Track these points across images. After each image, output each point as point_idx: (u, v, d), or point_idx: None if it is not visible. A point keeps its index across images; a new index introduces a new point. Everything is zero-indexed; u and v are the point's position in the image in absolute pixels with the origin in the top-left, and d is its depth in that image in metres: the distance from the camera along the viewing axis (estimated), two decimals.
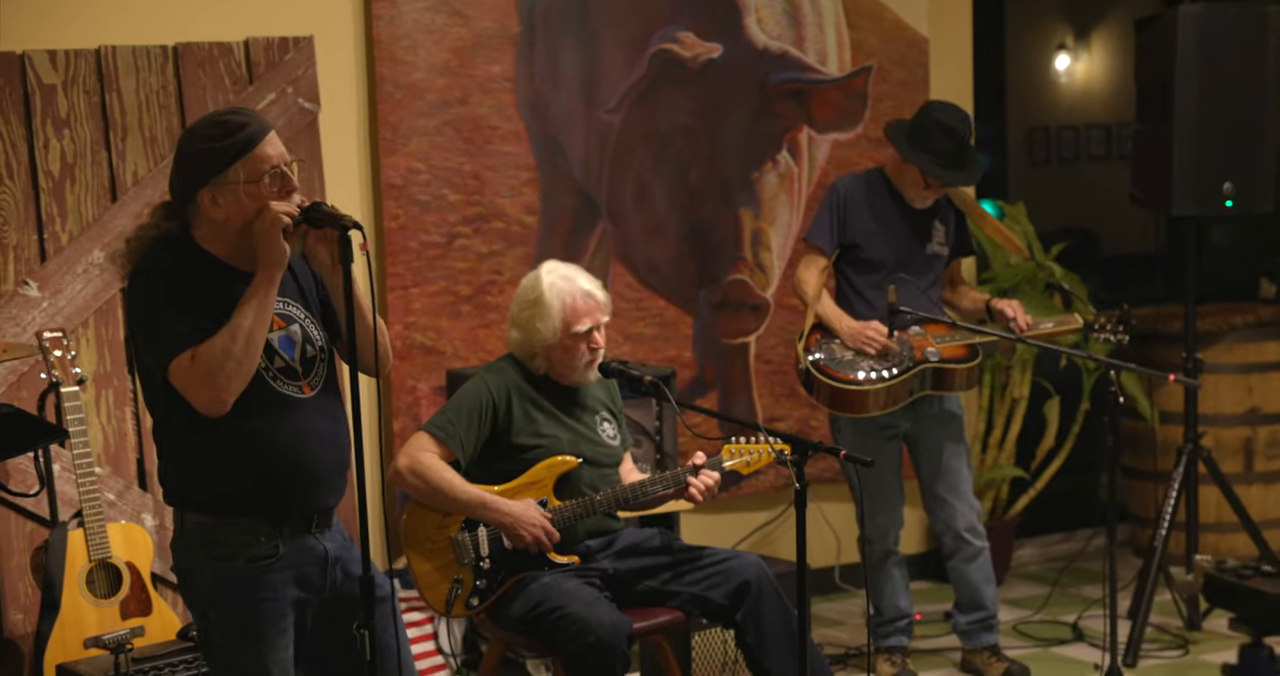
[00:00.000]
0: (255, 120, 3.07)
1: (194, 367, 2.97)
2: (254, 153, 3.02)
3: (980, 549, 4.90)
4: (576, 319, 3.98)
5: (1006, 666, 4.82)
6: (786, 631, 3.97)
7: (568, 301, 3.98)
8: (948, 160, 4.67)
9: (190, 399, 3.00)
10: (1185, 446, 5.26)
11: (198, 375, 2.97)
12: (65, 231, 4.52)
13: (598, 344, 4.01)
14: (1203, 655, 5.04)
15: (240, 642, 3.10)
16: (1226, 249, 7.29)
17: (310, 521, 3.17)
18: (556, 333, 3.98)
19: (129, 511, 4.55)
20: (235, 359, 2.97)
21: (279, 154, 3.06)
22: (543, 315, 3.99)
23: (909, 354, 4.69)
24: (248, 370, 3.00)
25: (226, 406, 3.00)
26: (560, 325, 3.98)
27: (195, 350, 2.98)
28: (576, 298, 3.99)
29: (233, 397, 2.99)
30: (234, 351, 2.96)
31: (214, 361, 2.96)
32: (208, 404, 2.99)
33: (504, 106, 5.18)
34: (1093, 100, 7.45)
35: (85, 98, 4.54)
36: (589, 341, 4.00)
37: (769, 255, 5.65)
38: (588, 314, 3.99)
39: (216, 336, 2.98)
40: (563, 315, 3.97)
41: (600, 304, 4.03)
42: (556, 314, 3.97)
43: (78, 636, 4.06)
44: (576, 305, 3.98)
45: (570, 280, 4.02)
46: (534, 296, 4.01)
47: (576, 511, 3.98)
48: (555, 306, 3.98)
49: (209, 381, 2.96)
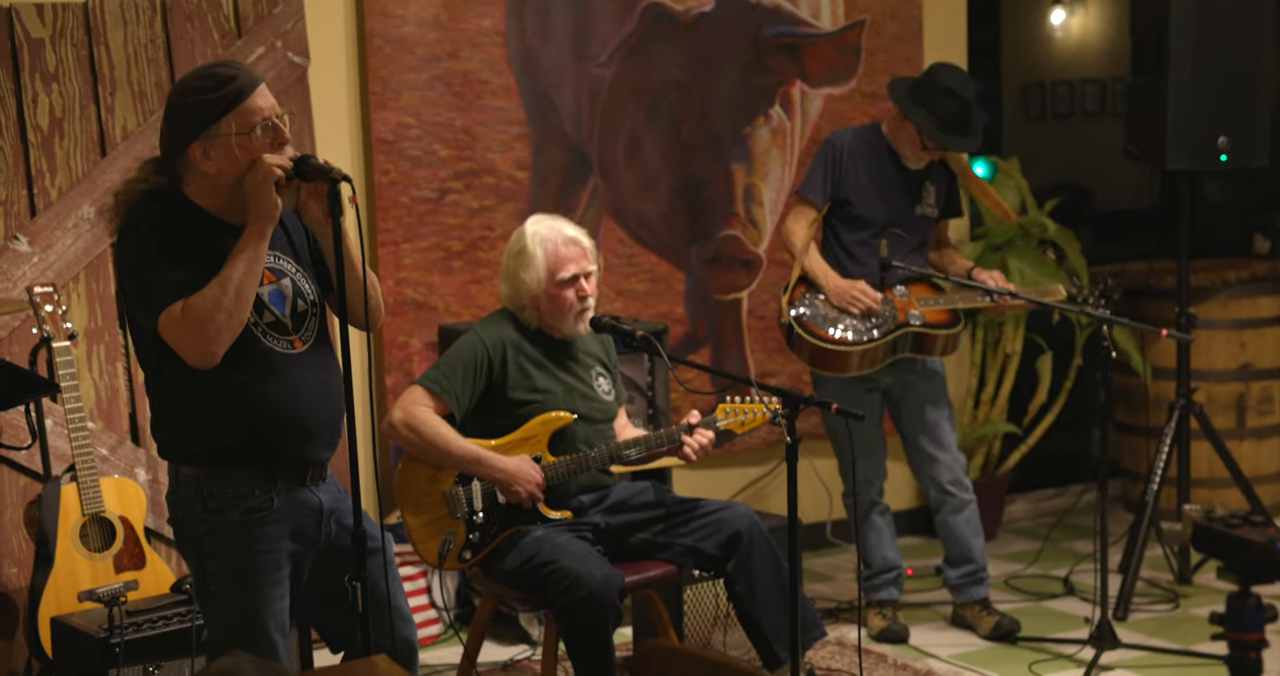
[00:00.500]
0: (245, 73, 3.06)
1: (184, 320, 2.97)
2: (245, 104, 3.01)
3: (966, 501, 4.91)
4: (561, 266, 3.98)
5: (997, 620, 4.85)
6: (778, 582, 3.99)
7: (550, 249, 3.98)
8: (948, 123, 4.65)
9: (180, 351, 3.00)
10: (1177, 401, 5.27)
11: (187, 327, 2.97)
12: (55, 186, 4.51)
13: (586, 292, 4.00)
14: (1193, 609, 5.07)
15: (236, 594, 3.12)
16: (1221, 204, 7.28)
17: (304, 474, 3.18)
18: (541, 281, 3.98)
19: (122, 466, 4.56)
20: (225, 310, 2.97)
21: (270, 106, 3.05)
22: (527, 264, 3.99)
23: (892, 315, 4.68)
24: (238, 322, 3.00)
25: (216, 358, 3.00)
26: (545, 274, 3.98)
27: (185, 302, 2.98)
28: (559, 245, 3.99)
29: (222, 349, 3.00)
30: (224, 303, 2.96)
31: (204, 313, 2.96)
32: (197, 356, 2.99)
33: (495, 61, 5.16)
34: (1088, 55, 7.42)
35: (73, 52, 4.52)
36: (576, 289, 3.99)
37: (761, 210, 5.64)
38: (572, 260, 3.99)
39: (206, 288, 2.98)
40: (547, 263, 3.98)
41: (585, 250, 4.02)
42: (540, 262, 3.97)
43: (72, 590, 4.07)
44: (560, 252, 3.98)
45: (554, 229, 4.03)
46: (519, 247, 4.02)
47: (570, 467, 3.98)
48: (539, 255, 3.98)
49: (199, 333, 2.96)
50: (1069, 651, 4.64)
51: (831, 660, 4.63)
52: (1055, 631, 4.85)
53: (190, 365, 3.01)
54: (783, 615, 3.92)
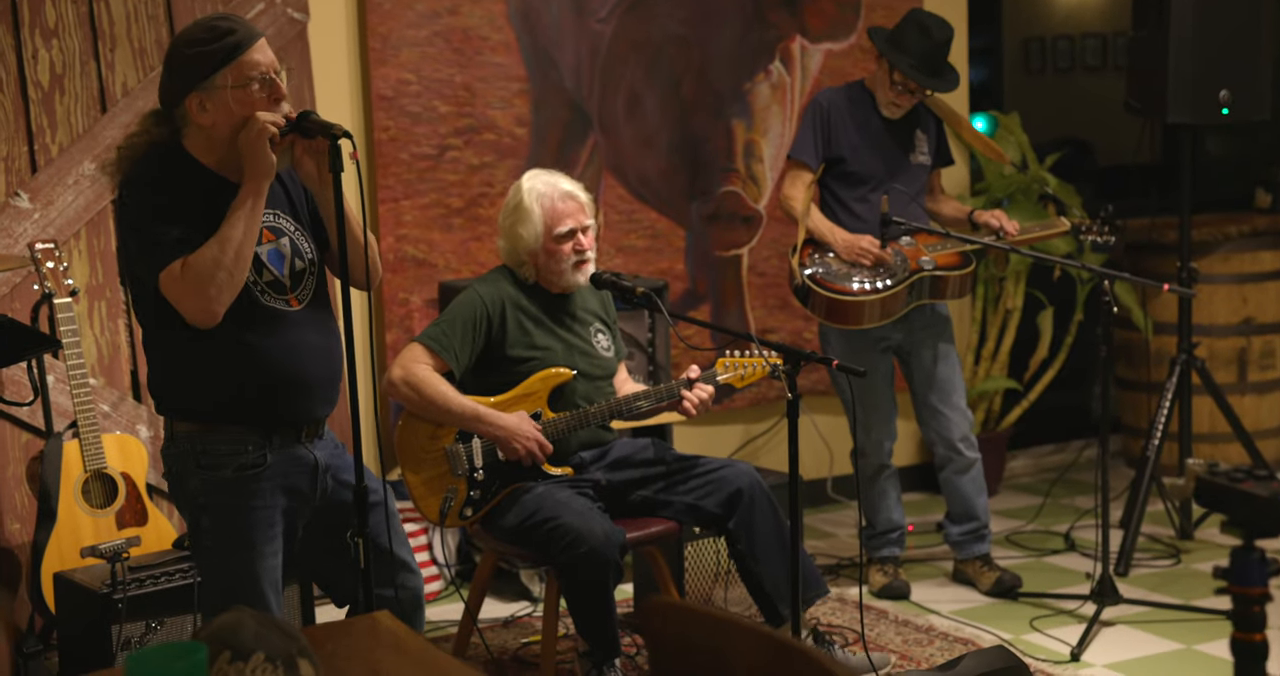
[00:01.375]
0: (244, 26, 3.05)
1: (184, 278, 2.97)
2: (242, 58, 3.00)
3: (973, 460, 4.92)
4: (557, 220, 3.97)
5: (998, 575, 4.86)
6: (779, 540, 3.99)
7: (547, 204, 3.97)
8: (921, 62, 4.63)
9: (180, 309, 3.00)
10: (1179, 356, 5.26)
11: (188, 286, 2.97)
12: (55, 143, 4.49)
13: (583, 246, 3.99)
14: (1195, 564, 5.09)
15: (230, 549, 3.13)
16: (1222, 159, 7.26)
17: (300, 431, 3.18)
18: (539, 237, 3.97)
19: (123, 422, 4.56)
20: (225, 269, 2.97)
21: (269, 61, 3.04)
22: (524, 220, 3.98)
23: (904, 264, 4.68)
24: (238, 281, 3.00)
25: (217, 317, 3.00)
26: (542, 229, 3.97)
27: (185, 260, 2.98)
28: (555, 200, 3.98)
29: (223, 308, 3.00)
30: (224, 262, 2.96)
31: (204, 272, 2.96)
32: (198, 314, 2.99)
33: (494, 16, 5.13)
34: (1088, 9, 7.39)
35: (73, 8, 4.49)
36: (574, 243, 3.98)
37: (761, 167, 5.62)
38: (569, 215, 3.98)
39: (205, 247, 2.98)
40: (544, 218, 3.97)
41: (582, 205, 4.01)
42: (538, 217, 3.97)
43: (74, 545, 4.09)
44: (556, 207, 3.97)
45: (551, 184, 4.01)
46: (515, 202, 4.01)
47: (570, 423, 3.99)
48: (535, 210, 3.97)
49: (199, 292, 2.97)
50: (1070, 606, 4.66)
51: (833, 616, 4.65)
52: (1056, 587, 4.87)
53: (191, 324, 3.01)
54: (785, 572, 3.93)
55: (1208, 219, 6.07)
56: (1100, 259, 5.52)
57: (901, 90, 4.69)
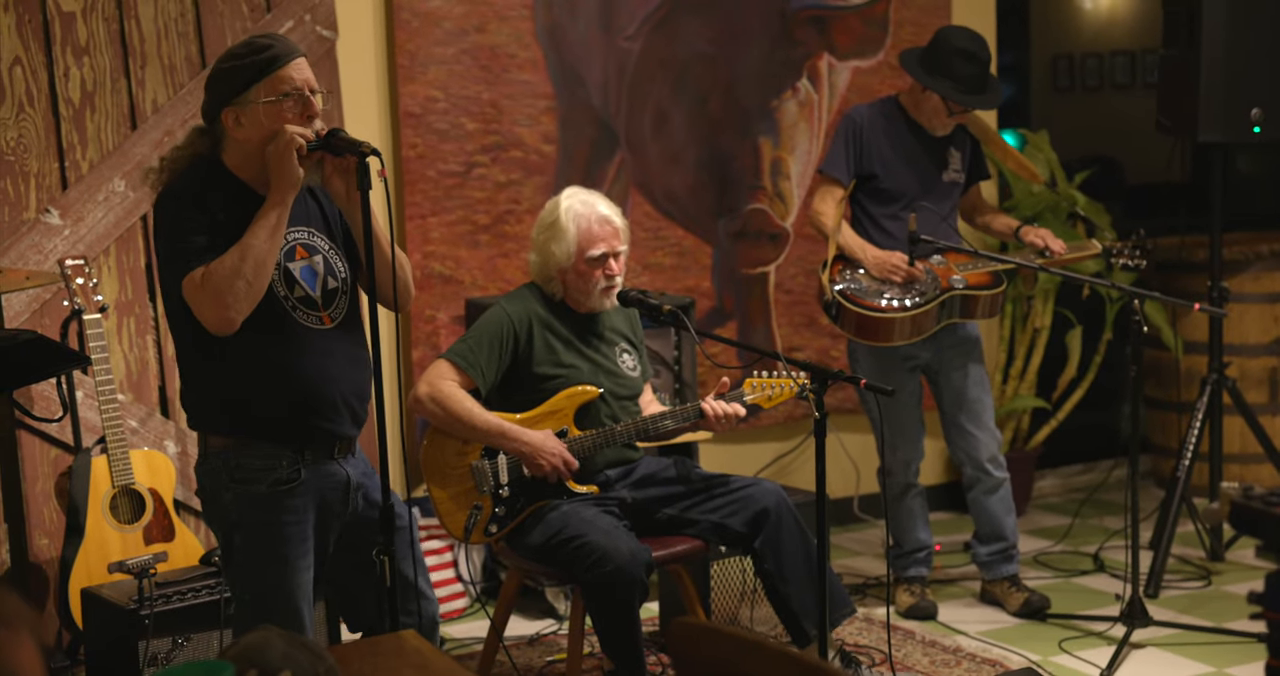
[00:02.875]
0: (284, 44, 3.09)
1: (204, 285, 2.99)
2: (277, 73, 3.03)
3: (1001, 480, 4.89)
4: (592, 243, 3.96)
5: (1026, 596, 4.83)
6: (805, 559, 3.97)
7: (583, 225, 3.97)
8: (969, 85, 4.63)
9: (200, 317, 3.02)
10: (1210, 376, 5.22)
11: (207, 293, 2.99)
12: (86, 159, 4.52)
13: (614, 271, 3.99)
14: (1225, 586, 5.05)
15: (263, 565, 3.13)
16: (1252, 177, 7.23)
17: (332, 447, 3.19)
18: (571, 256, 3.97)
19: (151, 438, 4.57)
20: (244, 278, 2.98)
21: (304, 79, 3.06)
22: (558, 238, 3.97)
23: (934, 282, 4.66)
24: (257, 290, 3.01)
25: (234, 325, 3.01)
26: (575, 249, 3.96)
27: (206, 268, 3.00)
28: (593, 222, 3.98)
29: (241, 316, 3.00)
30: (243, 270, 2.97)
31: (223, 280, 2.97)
32: (215, 321, 3.01)
33: (522, 34, 5.14)
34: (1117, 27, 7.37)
35: (105, 25, 4.52)
36: (604, 268, 3.98)
37: (788, 184, 5.61)
38: (603, 239, 3.97)
39: (226, 255, 3.00)
40: (578, 239, 3.96)
41: (618, 230, 4.01)
42: (572, 237, 3.96)
43: (102, 561, 4.09)
44: (593, 229, 3.97)
45: (589, 205, 4.01)
46: (552, 219, 4.01)
47: (596, 441, 3.98)
48: (571, 230, 3.96)
49: (217, 299, 2.98)
50: (1099, 628, 4.63)
51: (859, 636, 4.63)
52: (1085, 608, 4.84)
53: (210, 332, 3.02)
54: (811, 592, 3.91)
55: (1238, 237, 6.04)
56: (1130, 278, 5.49)
57: (949, 114, 4.68)
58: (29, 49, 4.43)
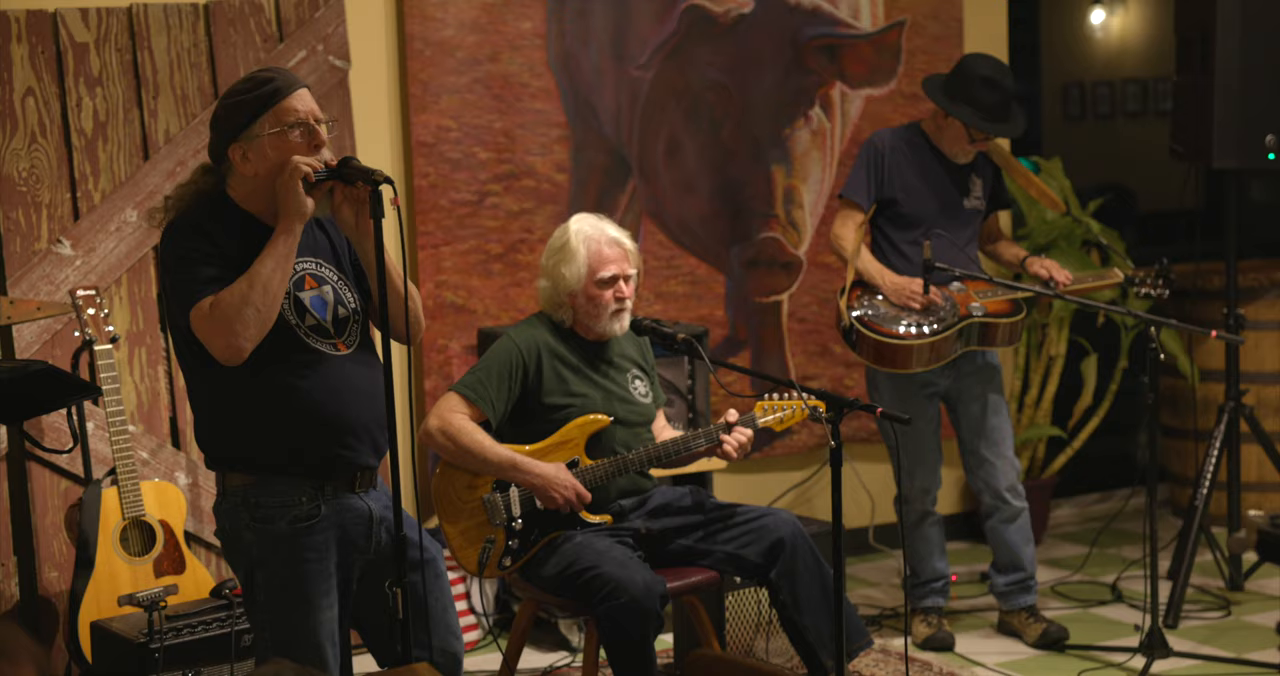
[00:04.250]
0: (285, 76, 3.09)
1: (212, 315, 2.98)
2: (281, 105, 3.03)
3: (1020, 509, 4.85)
4: (601, 265, 3.95)
5: (1044, 627, 4.79)
6: (822, 589, 3.94)
7: (593, 248, 3.96)
8: (992, 112, 4.61)
9: (209, 347, 3.00)
10: (1227, 404, 5.19)
11: (215, 322, 2.97)
12: (98, 190, 4.51)
13: (624, 294, 3.98)
14: (1246, 616, 5.00)
15: (286, 604, 3.10)
16: (1266, 204, 7.20)
17: (352, 480, 3.16)
18: (581, 279, 3.95)
19: (162, 469, 4.55)
20: (254, 306, 2.96)
21: (308, 110, 3.06)
22: (568, 261, 3.96)
23: (953, 309, 4.64)
24: (266, 319, 2.99)
25: (244, 355, 2.99)
26: (585, 272, 3.95)
27: (215, 298, 2.99)
28: (603, 244, 3.97)
29: (250, 345, 2.99)
30: (252, 298, 2.96)
31: (232, 308, 2.96)
32: (224, 351, 2.99)
33: (534, 63, 5.13)
34: (1128, 55, 7.37)
35: (117, 56, 4.52)
36: (615, 291, 3.96)
37: (801, 212, 5.60)
38: (613, 262, 3.96)
39: (235, 284, 2.98)
40: (588, 261, 3.95)
41: (627, 253, 4.00)
42: (582, 260, 3.95)
43: (112, 594, 4.07)
44: (602, 252, 3.96)
45: (598, 228, 4.01)
46: (561, 243, 4.00)
47: (608, 470, 3.95)
48: (581, 252, 3.96)
49: (226, 328, 2.96)
50: (1119, 659, 4.58)
51: (876, 668, 4.58)
52: (1104, 639, 4.79)
53: (220, 362, 3.01)
54: (828, 623, 3.88)
55: (1253, 264, 6.01)
56: (1145, 305, 5.46)
57: (970, 141, 4.67)
58: (42, 79, 4.43)
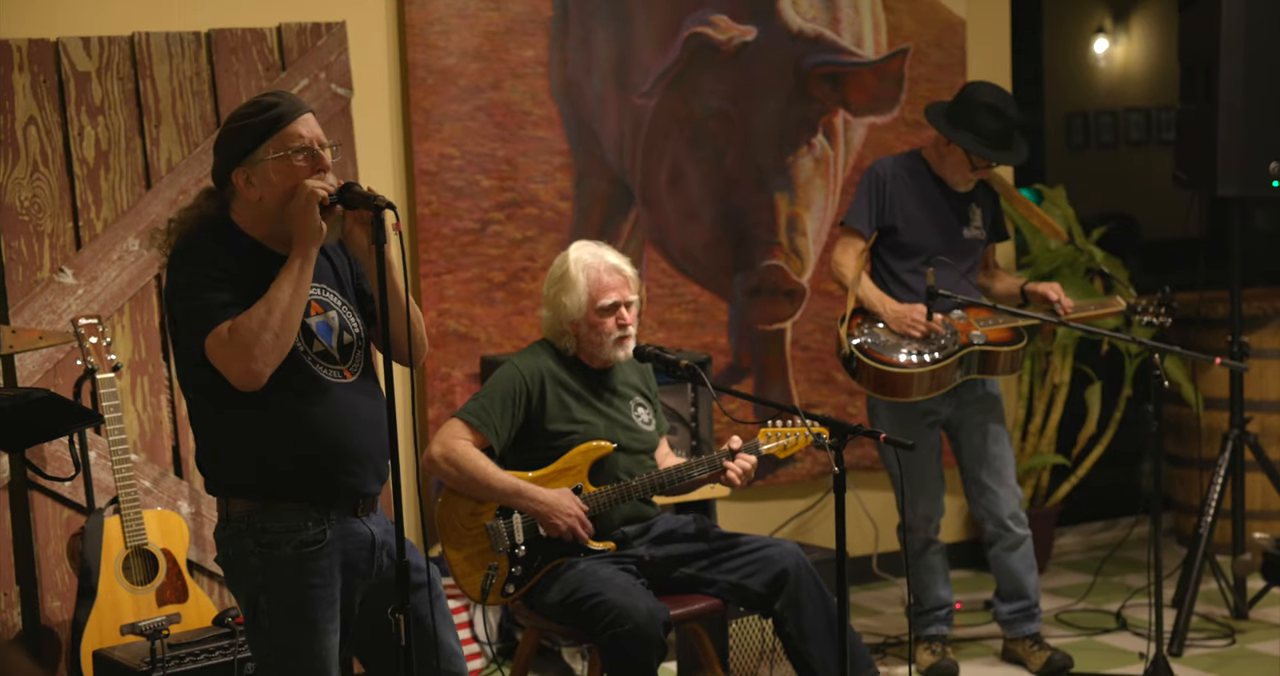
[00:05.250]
0: (289, 101, 3.09)
1: (231, 340, 2.97)
2: (285, 130, 3.04)
3: (1023, 537, 4.84)
4: (602, 293, 3.96)
5: (1049, 655, 4.77)
6: (826, 619, 3.93)
7: (593, 276, 3.97)
8: (995, 140, 4.62)
9: (226, 373, 2.99)
10: (1231, 432, 5.18)
11: (234, 348, 2.96)
12: (100, 219, 4.52)
13: (626, 321, 3.98)
14: (1251, 644, 4.98)
15: (290, 629, 3.09)
16: (1269, 233, 7.21)
17: (355, 505, 3.15)
18: (582, 307, 3.96)
19: (165, 498, 4.54)
20: (272, 331, 2.96)
21: (313, 135, 3.07)
22: (568, 290, 3.97)
23: (954, 337, 4.63)
24: (284, 344, 2.99)
25: (262, 380, 2.99)
26: (586, 300, 3.96)
27: (232, 323, 2.98)
28: (602, 272, 3.98)
29: (269, 370, 2.98)
30: (271, 324, 2.96)
31: (250, 334, 2.95)
32: (242, 376, 2.98)
33: (537, 91, 5.15)
34: (1131, 84, 7.39)
35: (119, 85, 4.54)
36: (616, 317, 3.97)
37: (804, 240, 5.60)
38: (614, 289, 3.97)
39: (253, 309, 2.98)
40: (588, 289, 3.96)
41: (627, 279, 4.01)
42: (582, 288, 3.96)
43: (114, 623, 4.06)
44: (602, 279, 3.97)
45: (598, 256, 4.02)
46: (561, 272, 4.01)
47: (612, 497, 3.94)
48: (581, 281, 3.96)
49: (245, 353, 2.96)
50: None
51: None
52: (1109, 667, 4.78)
53: (236, 387, 3.00)
54: (832, 651, 3.87)
55: (1257, 292, 6.01)
56: (1149, 333, 5.45)
57: (972, 169, 4.67)
58: (44, 108, 4.44)
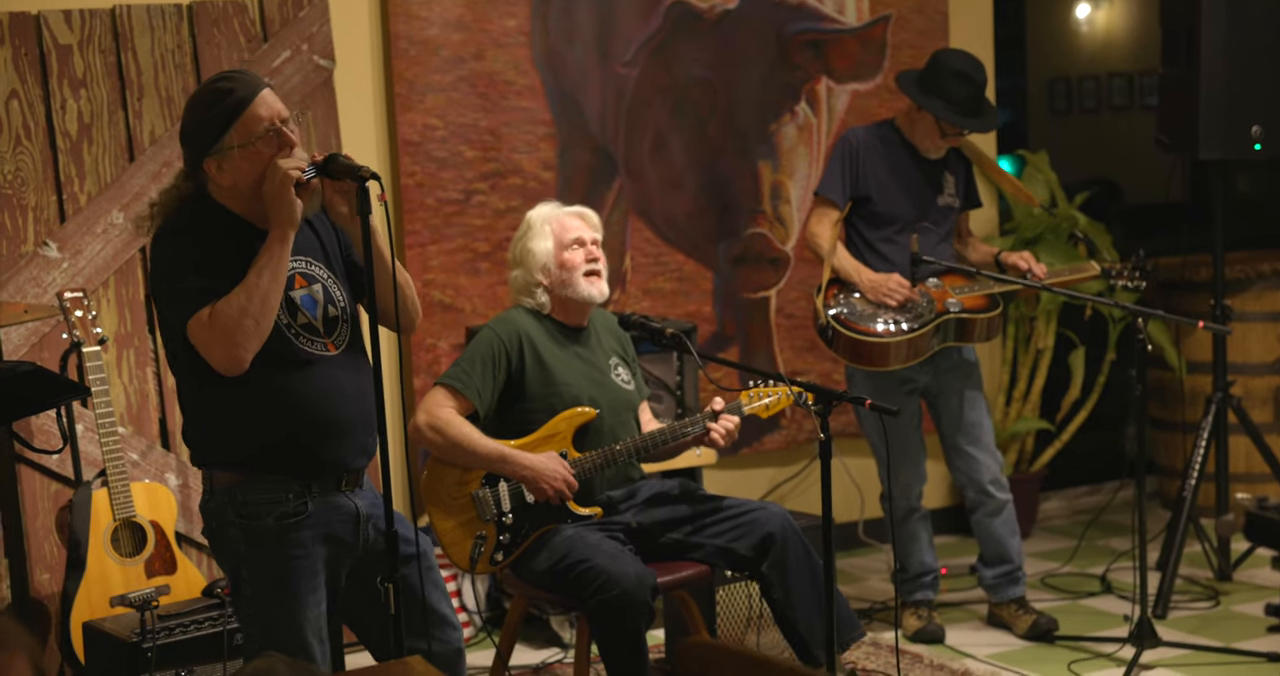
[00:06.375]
0: (243, 83, 3.06)
1: (211, 326, 2.98)
2: (245, 116, 3.03)
3: (1004, 502, 4.87)
4: (566, 231, 4.08)
5: (1034, 618, 4.81)
6: (813, 582, 3.96)
7: (555, 223, 4.10)
8: (964, 107, 4.63)
9: (207, 357, 3.01)
10: (1215, 395, 5.21)
11: (215, 334, 2.98)
12: (84, 192, 4.51)
13: (595, 255, 4.07)
14: (1234, 605, 5.02)
15: (273, 601, 3.11)
16: (1251, 196, 7.23)
17: (339, 479, 3.17)
18: (549, 250, 4.06)
19: (152, 471, 4.56)
20: (252, 317, 2.98)
21: (273, 112, 3.05)
22: (535, 237, 4.08)
23: (930, 306, 4.65)
24: (264, 329, 3.01)
25: (244, 365, 3.01)
26: (553, 241, 4.06)
27: (213, 308, 2.99)
28: (564, 215, 4.12)
29: (250, 355, 3.00)
30: (250, 309, 2.97)
31: (231, 320, 2.97)
32: (225, 362, 3.00)
33: (519, 61, 5.14)
34: (1114, 49, 7.38)
35: (101, 57, 4.52)
36: (586, 252, 4.05)
37: (788, 208, 5.61)
38: (576, 228, 4.10)
39: (232, 295, 2.98)
40: (554, 232, 4.08)
41: (588, 220, 4.13)
42: (548, 232, 4.08)
43: (104, 595, 4.08)
44: (565, 221, 4.10)
45: (556, 207, 4.16)
46: (526, 227, 4.14)
47: (597, 461, 3.97)
48: (545, 228, 4.09)
49: (226, 340, 2.97)
50: (1108, 650, 4.60)
51: (867, 660, 4.60)
52: (1094, 630, 4.81)
53: (219, 372, 3.01)
54: (819, 616, 3.89)
55: (1240, 256, 6.03)
56: (1133, 298, 5.48)
57: (942, 135, 4.68)
58: (25, 82, 4.43)
